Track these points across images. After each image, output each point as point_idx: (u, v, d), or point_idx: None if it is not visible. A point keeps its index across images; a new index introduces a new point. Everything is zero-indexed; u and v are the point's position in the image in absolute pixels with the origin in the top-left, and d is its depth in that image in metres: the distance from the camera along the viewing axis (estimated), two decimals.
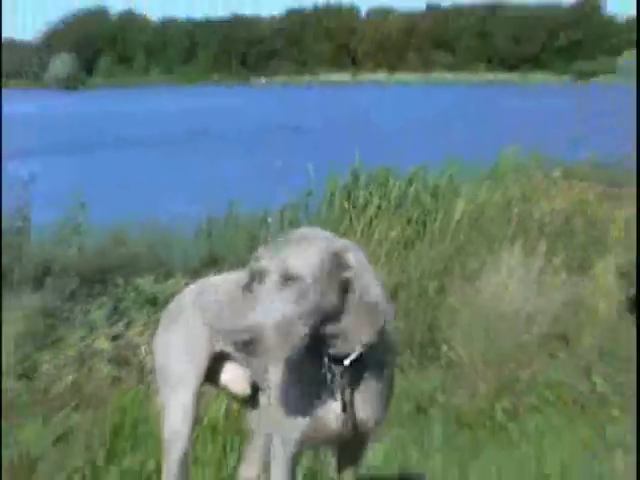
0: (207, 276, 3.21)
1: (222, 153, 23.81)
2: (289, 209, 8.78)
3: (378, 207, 8.45)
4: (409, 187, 9.10)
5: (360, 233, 7.52)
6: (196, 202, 10.33)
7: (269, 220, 8.50)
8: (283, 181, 9.64)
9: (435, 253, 7.28)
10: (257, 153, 22.42)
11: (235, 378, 2.78)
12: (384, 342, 2.44)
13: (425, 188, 9.07)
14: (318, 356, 2.34)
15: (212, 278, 2.95)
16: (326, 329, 2.29)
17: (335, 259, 2.29)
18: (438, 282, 6.67)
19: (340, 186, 9.18)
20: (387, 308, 2.38)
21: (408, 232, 7.73)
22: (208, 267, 6.48)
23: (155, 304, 6.01)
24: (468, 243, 7.54)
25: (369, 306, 2.34)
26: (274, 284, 2.19)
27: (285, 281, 2.20)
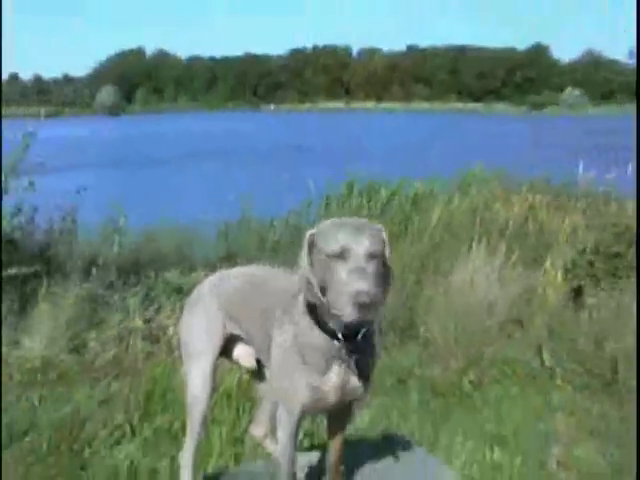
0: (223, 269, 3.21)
1: (237, 168, 23.80)
2: (293, 215, 8.79)
3: (368, 212, 8.46)
4: (394, 197, 9.12)
5: None
6: (215, 209, 10.34)
7: (275, 224, 8.51)
8: (288, 192, 9.66)
9: (414, 251, 7.28)
10: (266, 168, 22.42)
11: (244, 354, 2.78)
12: (373, 335, 2.45)
13: (407, 198, 9.08)
14: (323, 329, 2.32)
15: (227, 270, 2.94)
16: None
17: (383, 239, 2.28)
18: (416, 275, 6.68)
19: (337, 195, 9.20)
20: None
21: (392, 233, 7.71)
22: (224, 262, 6.46)
23: (180, 292, 6.01)
24: (441, 243, 7.54)
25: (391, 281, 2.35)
26: (359, 261, 2.16)
27: (370, 259, 2.18)
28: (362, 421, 4.44)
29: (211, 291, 2.80)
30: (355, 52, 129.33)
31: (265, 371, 2.84)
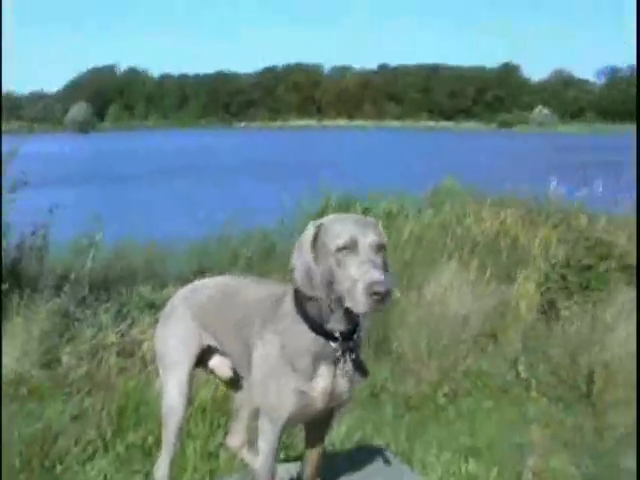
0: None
1: (209, 184, 23.74)
2: (266, 231, 8.79)
3: None
4: (368, 212, 9.15)
5: None
6: (187, 225, 10.31)
7: (248, 240, 8.50)
8: (262, 207, 9.65)
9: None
10: (239, 184, 22.40)
11: (219, 365, 2.77)
12: (363, 332, 2.45)
13: (380, 212, 9.11)
14: (317, 331, 2.31)
15: (200, 281, 2.93)
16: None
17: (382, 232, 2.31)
18: None
19: (313, 210, 9.21)
20: None
21: None
22: (197, 278, 6.43)
23: (153, 308, 5.97)
24: (414, 259, 7.55)
25: None
26: (368, 252, 2.17)
27: (378, 250, 2.19)
28: (337, 434, 4.43)
29: (184, 302, 2.79)
30: (327, 70, 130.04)
31: (242, 381, 2.83)
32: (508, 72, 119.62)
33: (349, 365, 2.35)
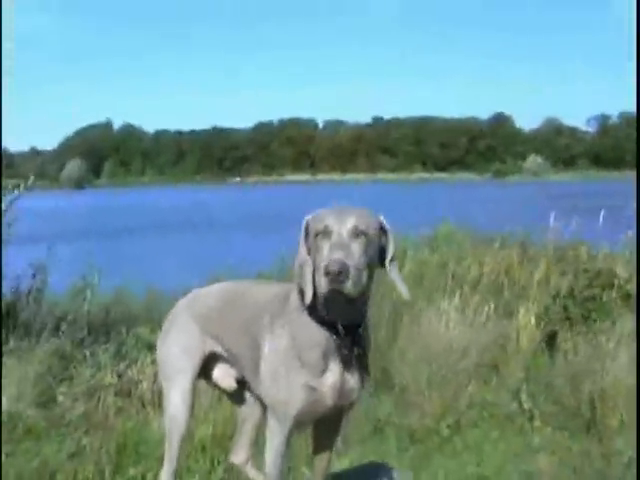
0: None
1: (204, 238, 23.82)
2: (264, 275, 8.77)
3: None
4: None
5: None
6: (183, 276, 10.30)
7: None
8: (258, 258, 9.67)
9: (386, 306, 7.26)
10: (233, 237, 22.46)
11: (223, 375, 2.74)
12: (368, 329, 2.45)
13: None
14: (322, 323, 2.30)
15: (200, 289, 2.93)
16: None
17: (380, 225, 2.33)
18: (390, 329, 6.64)
19: None
20: None
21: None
22: None
23: (152, 349, 5.92)
24: (414, 295, 7.52)
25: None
26: (346, 237, 2.19)
27: (355, 236, 2.20)
28: (340, 467, 4.35)
29: (186, 310, 2.78)
30: (320, 124, 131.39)
31: (245, 394, 2.79)
32: (500, 122, 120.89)
33: (353, 360, 2.34)
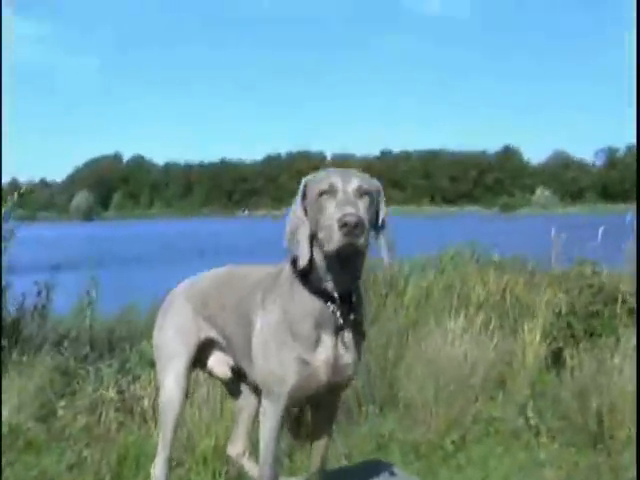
0: None
1: (211, 264, 23.77)
2: None
3: None
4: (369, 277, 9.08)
5: None
6: None
7: None
8: None
9: (393, 327, 7.22)
10: (243, 261, 22.40)
11: (218, 363, 2.73)
12: (362, 294, 2.44)
13: (382, 278, 9.05)
14: (316, 292, 2.29)
15: (198, 275, 2.92)
16: None
17: (377, 188, 2.38)
18: (396, 349, 6.59)
19: None
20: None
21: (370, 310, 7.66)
22: None
23: (154, 365, 5.90)
24: (419, 318, 7.49)
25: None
26: (352, 196, 2.21)
27: (360, 195, 2.23)
28: None
29: (183, 294, 2.79)
30: (329, 157, 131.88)
31: (241, 385, 2.77)
32: (508, 155, 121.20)
33: (351, 334, 2.32)
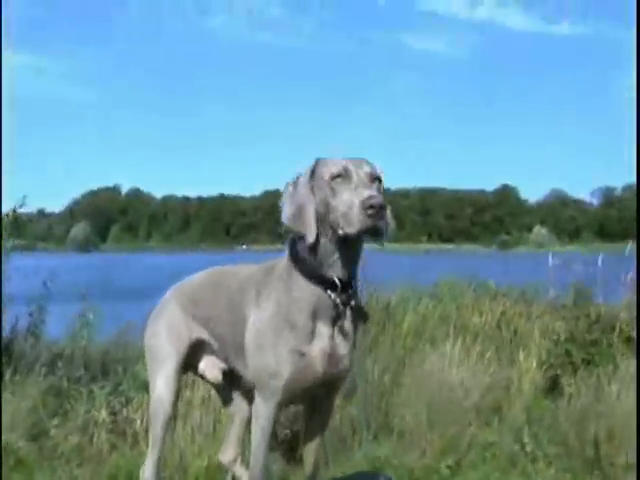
0: None
1: None
2: None
3: None
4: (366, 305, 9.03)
5: None
6: None
7: None
8: None
9: (389, 355, 7.18)
10: None
11: (210, 367, 2.72)
12: (358, 294, 2.44)
13: (379, 303, 9.02)
14: (311, 280, 2.29)
15: (186, 279, 2.93)
16: None
17: (382, 175, 2.45)
18: (392, 377, 6.55)
19: None
20: None
21: (366, 342, 7.63)
22: None
23: (148, 388, 5.86)
24: (414, 347, 7.45)
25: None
26: (362, 180, 2.25)
27: (372, 180, 2.29)
28: None
29: (174, 297, 2.80)
30: None
31: (232, 390, 2.75)
32: (506, 193, 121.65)
33: (348, 324, 2.31)
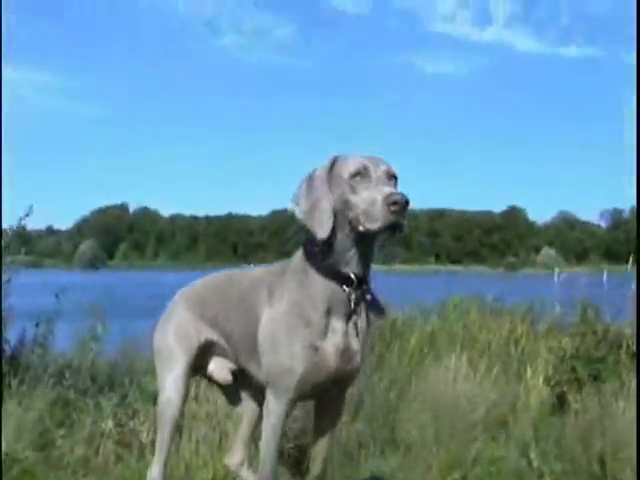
0: None
1: None
2: None
3: None
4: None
5: None
6: None
7: None
8: None
9: (396, 372, 7.18)
10: None
11: (218, 368, 2.74)
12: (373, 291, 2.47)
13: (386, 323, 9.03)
14: (326, 276, 2.32)
15: (196, 281, 2.96)
16: None
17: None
18: (398, 392, 6.55)
19: None
20: None
21: (372, 359, 7.63)
22: None
23: (155, 400, 5.86)
24: (422, 361, 7.46)
25: None
26: (381, 178, 2.33)
27: (390, 178, 2.36)
28: None
29: (183, 299, 2.82)
30: None
31: (240, 391, 2.76)
32: (513, 215, 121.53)
33: (361, 320, 2.34)
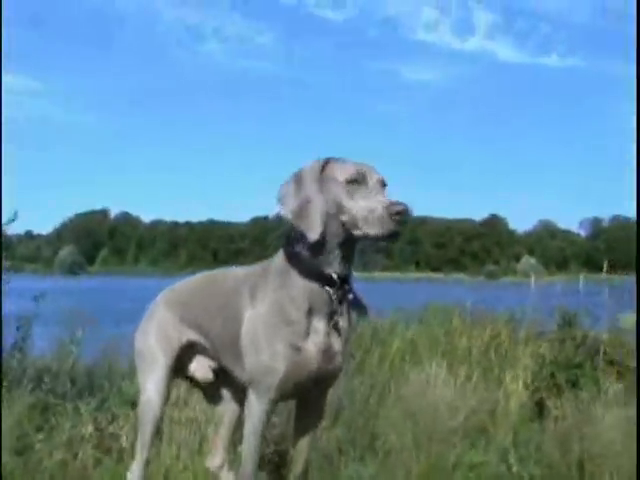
0: None
1: None
2: None
3: None
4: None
5: None
6: None
7: None
8: None
9: (375, 377, 7.20)
10: None
11: (200, 367, 2.74)
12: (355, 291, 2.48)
13: (366, 326, 9.06)
14: (308, 277, 2.33)
15: (178, 283, 2.96)
16: None
17: None
18: (378, 397, 6.56)
19: None
20: None
21: (351, 366, 7.65)
22: None
23: (134, 405, 5.85)
24: (402, 367, 7.49)
25: None
26: (376, 186, 2.38)
27: (383, 186, 2.39)
28: None
29: (164, 301, 2.82)
30: None
31: (221, 391, 2.76)
32: (494, 223, 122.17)
33: (343, 321, 2.35)
